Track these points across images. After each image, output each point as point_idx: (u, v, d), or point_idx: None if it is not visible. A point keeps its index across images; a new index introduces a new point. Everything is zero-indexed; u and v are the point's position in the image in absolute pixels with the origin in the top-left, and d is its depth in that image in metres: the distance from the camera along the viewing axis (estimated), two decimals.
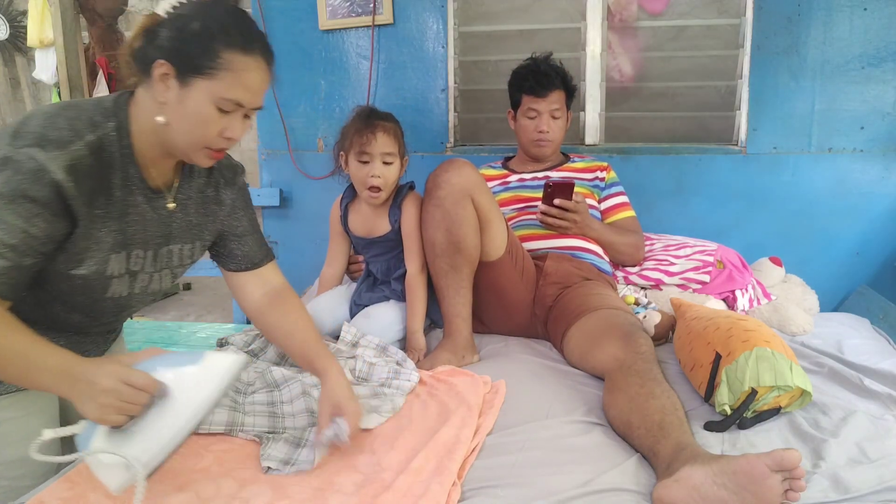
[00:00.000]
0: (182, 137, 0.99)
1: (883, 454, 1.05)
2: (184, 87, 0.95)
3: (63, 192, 0.90)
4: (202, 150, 1.01)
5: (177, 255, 1.14)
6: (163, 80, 0.96)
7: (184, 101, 0.96)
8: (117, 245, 1.02)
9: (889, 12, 2.06)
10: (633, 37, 2.30)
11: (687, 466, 0.95)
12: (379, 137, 1.54)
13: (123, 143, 0.99)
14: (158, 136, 1.00)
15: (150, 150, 1.02)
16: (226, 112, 0.98)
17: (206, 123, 0.97)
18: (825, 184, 2.18)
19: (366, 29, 2.38)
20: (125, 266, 1.05)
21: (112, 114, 0.98)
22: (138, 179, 1.02)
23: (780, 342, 1.25)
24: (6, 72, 4.45)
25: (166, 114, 0.97)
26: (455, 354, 1.50)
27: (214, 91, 0.95)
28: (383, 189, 1.58)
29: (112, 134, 0.97)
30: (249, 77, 0.98)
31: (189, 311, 3.70)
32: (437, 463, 1.03)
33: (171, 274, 1.15)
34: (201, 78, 0.95)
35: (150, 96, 0.98)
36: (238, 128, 1.01)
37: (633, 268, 1.90)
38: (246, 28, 0.99)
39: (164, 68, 0.95)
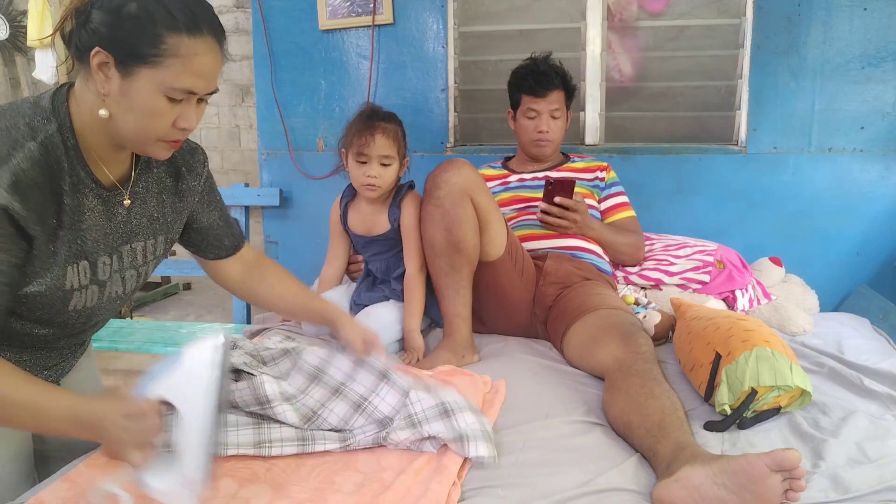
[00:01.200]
0: (131, 131, 0.90)
1: (883, 454, 1.05)
2: (126, 78, 0.85)
3: (11, 213, 0.82)
4: (157, 143, 0.92)
5: (140, 253, 1.05)
6: (102, 70, 0.86)
7: (128, 93, 0.86)
8: (73, 256, 0.93)
9: (889, 12, 2.06)
10: (633, 37, 2.30)
11: (687, 466, 0.95)
12: (377, 139, 1.54)
13: (69, 143, 0.90)
14: (104, 130, 0.91)
15: (100, 146, 0.93)
16: (177, 101, 0.88)
17: (156, 115, 0.88)
18: (825, 184, 2.18)
19: (366, 29, 2.38)
20: (89, 276, 0.97)
21: (51, 113, 0.89)
22: (89, 180, 0.93)
23: (780, 342, 1.25)
24: (6, 72, 4.45)
25: (110, 106, 0.88)
26: (455, 354, 1.50)
27: (161, 80, 0.85)
28: (379, 187, 1.59)
29: (55, 136, 0.88)
30: (199, 61, 0.87)
31: (189, 311, 3.70)
32: (436, 463, 1.03)
33: (136, 273, 1.06)
34: (145, 67, 0.85)
35: (91, 87, 0.88)
36: (192, 116, 0.91)
37: (633, 268, 1.90)
38: (190, 6, 0.87)
39: (101, 56, 0.85)
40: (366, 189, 1.59)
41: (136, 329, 2.03)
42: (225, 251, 1.23)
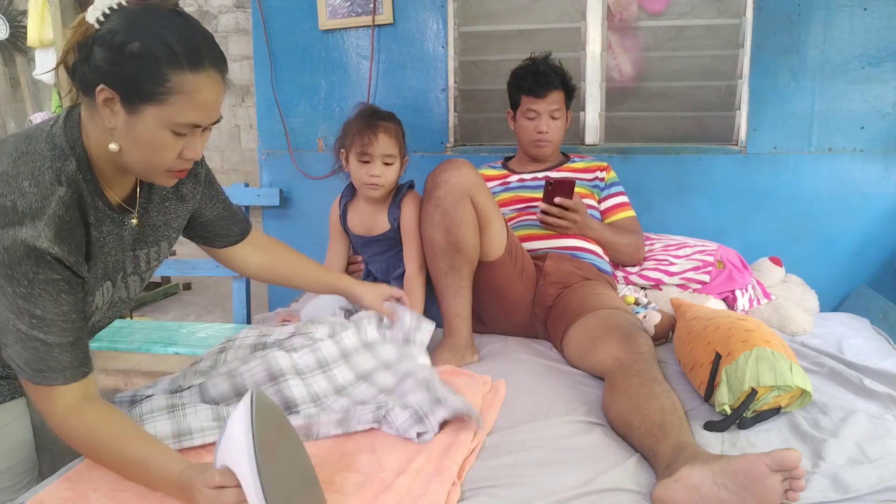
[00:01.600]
0: (138, 163, 0.92)
1: (883, 454, 1.05)
2: (132, 114, 0.87)
3: (63, 261, 0.87)
4: (163, 174, 0.95)
5: (143, 260, 1.09)
6: (108, 106, 0.88)
7: (134, 128, 0.88)
8: (100, 278, 0.99)
9: (889, 12, 2.06)
10: (633, 37, 2.30)
11: (687, 466, 0.95)
12: (380, 138, 1.54)
13: (87, 176, 0.93)
14: (111, 159, 0.94)
15: (109, 173, 0.96)
16: (182, 135, 0.91)
17: (162, 149, 0.90)
18: (825, 184, 2.18)
19: (366, 29, 2.38)
20: (111, 293, 1.03)
21: (70, 151, 0.91)
22: (106, 208, 0.97)
23: (780, 342, 1.25)
24: (6, 72, 4.45)
25: (117, 140, 0.90)
26: (455, 354, 1.50)
27: (166, 117, 0.87)
28: (382, 186, 1.59)
29: (76, 175, 0.91)
30: (203, 96, 0.89)
31: (189, 311, 3.70)
32: (436, 463, 1.02)
33: (139, 279, 1.10)
34: (150, 104, 0.86)
35: (97, 118, 0.90)
36: (198, 146, 0.94)
37: (633, 268, 1.90)
38: (190, 40, 0.87)
39: (106, 93, 0.86)
40: (368, 189, 1.59)
41: (136, 329, 2.03)
42: (235, 237, 1.28)
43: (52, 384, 0.89)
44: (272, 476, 0.80)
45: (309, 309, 1.68)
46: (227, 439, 0.84)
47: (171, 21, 0.87)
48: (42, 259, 0.84)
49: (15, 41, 4.26)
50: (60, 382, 0.89)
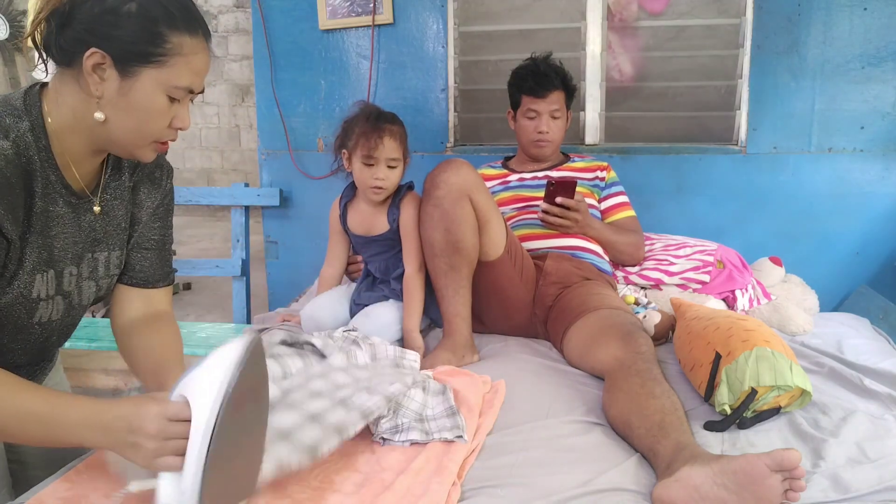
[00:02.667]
0: (126, 133, 0.88)
1: (883, 454, 1.05)
2: (127, 78, 0.84)
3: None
4: (150, 145, 0.91)
5: (102, 264, 1.00)
6: (96, 71, 0.84)
7: (128, 94, 0.85)
8: (42, 263, 0.89)
9: (889, 12, 2.06)
10: (633, 37, 2.30)
11: (687, 466, 0.95)
12: (386, 142, 1.54)
13: (40, 144, 0.87)
14: (90, 133, 0.89)
15: (73, 150, 0.90)
16: (175, 100, 0.89)
17: (157, 115, 0.88)
18: (825, 184, 2.18)
19: (366, 29, 2.38)
20: (55, 287, 0.93)
21: (24, 112, 0.86)
22: (60, 185, 0.90)
23: (780, 342, 1.25)
24: (6, 72, 4.45)
25: (105, 109, 0.86)
26: (455, 354, 1.50)
27: (165, 79, 0.85)
28: (386, 189, 1.59)
29: (27, 135, 0.85)
30: (198, 60, 0.88)
31: (189, 311, 3.70)
32: (436, 463, 1.02)
33: (95, 286, 1.00)
34: (148, 66, 0.84)
35: (76, 89, 0.86)
36: (187, 116, 0.92)
37: (633, 267, 1.90)
38: (184, 4, 0.87)
39: (97, 57, 0.82)
40: (372, 192, 1.59)
41: None
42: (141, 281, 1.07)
43: None
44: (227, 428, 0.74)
45: (309, 309, 1.69)
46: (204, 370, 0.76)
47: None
48: None
49: (15, 41, 4.25)
50: None
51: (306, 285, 2.19)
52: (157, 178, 1.06)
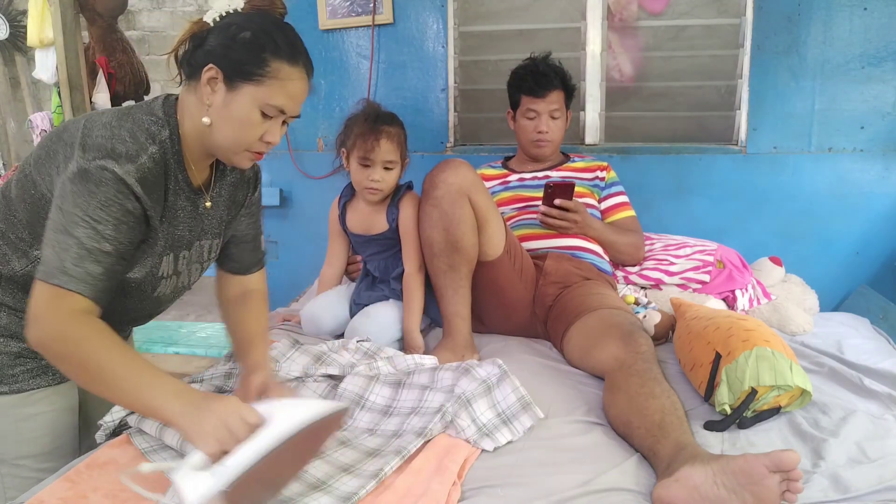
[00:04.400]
0: (225, 139, 1.03)
1: (883, 454, 1.05)
2: (231, 91, 1.00)
3: (141, 202, 0.96)
4: (243, 153, 1.05)
5: (206, 250, 1.18)
6: (210, 84, 1.00)
7: (230, 105, 1.00)
8: (168, 247, 1.07)
9: (889, 12, 2.06)
10: (633, 36, 2.30)
11: (687, 466, 0.95)
12: (383, 145, 1.54)
13: (175, 149, 1.04)
14: (202, 137, 1.05)
15: (195, 152, 1.07)
16: (268, 117, 1.02)
17: (250, 127, 1.02)
18: (825, 184, 2.18)
19: (366, 29, 2.38)
20: (174, 267, 1.11)
21: (165, 122, 1.03)
22: (185, 183, 1.07)
23: (780, 342, 1.25)
24: (6, 71, 4.45)
25: (211, 115, 1.02)
26: (455, 354, 1.50)
27: (260, 97, 1.00)
28: (382, 191, 1.59)
29: (167, 142, 1.02)
30: (293, 86, 1.03)
31: (189, 311, 3.69)
32: (437, 463, 1.02)
33: (200, 267, 1.20)
34: (249, 84, 0.99)
35: (196, 98, 1.03)
36: (277, 133, 1.06)
37: (633, 267, 1.90)
38: (292, 40, 1.03)
39: (212, 72, 0.99)
40: (368, 193, 1.60)
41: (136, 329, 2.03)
42: (242, 268, 1.28)
43: (70, 289, 0.91)
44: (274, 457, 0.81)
45: (309, 309, 1.69)
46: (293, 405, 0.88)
47: (280, 24, 1.05)
48: (124, 189, 0.94)
49: (15, 41, 4.25)
50: (79, 290, 0.91)
51: (306, 285, 2.19)
52: (250, 180, 1.24)
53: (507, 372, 1.25)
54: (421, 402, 1.22)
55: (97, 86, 2.55)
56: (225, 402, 0.88)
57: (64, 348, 0.90)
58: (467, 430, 1.11)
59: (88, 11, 2.55)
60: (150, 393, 0.89)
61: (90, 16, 2.57)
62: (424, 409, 1.19)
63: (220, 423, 0.85)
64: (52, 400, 1.13)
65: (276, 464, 0.85)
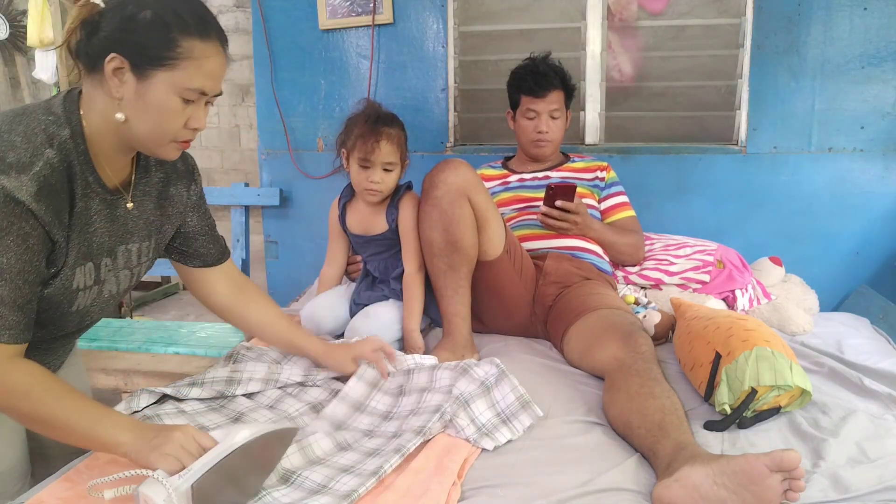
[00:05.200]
0: (146, 133, 0.94)
1: (883, 454, 1.05)
2: (142, 81, 0.90)
3: (38, 218, 0.86)
4: (169, 144, 0.96)
5: (134, 254, 1.08)
6: (117, 75, 0.90)
7: (144, 95, 0.90)
8: (81, 257, 0.97)
9: (889, 12, 2.06)
10: (633, 36, 2.30)
11: (687, 466, 0.95)
12: (383, 147, 1.54)
13: (80, 149, 0.93)
14: (116, 133, 0.95)
15: (106, 150, 0.97)
16: (189, 102, 0.93)
17: (171, 115, 0.93)
18: (825, 184, 2.18)
19: (366, 28, 2.38)
20: (94, 276, 1.01)
21: (65, 120, 0.92)
22: (97, 185, 0.96)
23: (780, 342, 1.25)
24: (6, 71, 4.45)
25: (125, 110, 0.92)
26: (454, 354, 1.50)
27: (177, 82, 0.90)
28: (381, 192, 1.59)
29: (68, 142, 0.91)
30: (210, 63, 0.93)
31: (189, 310, 3.70)
32: (437, 463, 1.02)
33: (130, 274, 1.09)
34: (161, 69, 0.89)
35: (102, 92, 0.92)
36: (202, 117, 0.97)
37: (633, 267, 1.90)
38: (200, 13, 0.93)
39: (116, 62, 0.89)
40: (367, 194, 1.60)
41: (136, 329, 2.03)
42: (212, 259, 1.24)
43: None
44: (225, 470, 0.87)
45: (309, 309, 1.68)
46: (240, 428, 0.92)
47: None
48: (19, 210, 0.84)
49: (15, 41, 4.25)
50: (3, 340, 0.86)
51: (306, 285, 2.19)
52: (184, 174, 1.14)
53: (505, 371, 1.25)
54: (420, 404, 1.22)
55: None
56: (181, 429, 0.91)
57: (8, 401, 0.88)
58: (467, 430, 1.11)
59: None
60: (104, 431, 0.90)
61: None
62: (423, 408, 1.19)
63: (177, 447, 0.88)
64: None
65: (235, 471, 0.89)
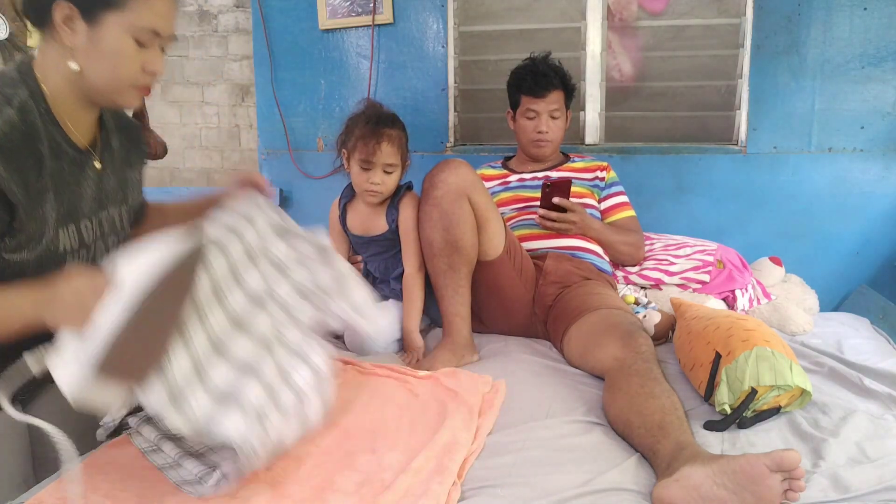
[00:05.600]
0: (103, 80, 0.93)
1: (883, 454, 1.05)
2: (94, 26, 0.89)
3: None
4: (128, 90, 0.95)
5: (117, 220, 1.08)
6: (67, 24, 0.89)
7: (97, 41, 0.90)
8: (62, 218, 0.96)
9: (889, 12, 2.06)
10: (633, 36, 2.30)
11: (687, 466, 0.95)
12: (384, 148, 1.54)
13: (41, 108, 0.92)
14: (76, 87, 0.94)
15: (70, 107, 0.96)
16: (143, 45, 0.92)
17: (127, 59, 0.92)
18: (825, 184, 2.18)
19: (366, 28, 2.38)
20: (77, 239, 0.99)
21: (20, 81, 0.92)
22: (65, 143, 0.96)
23: (780, 342, 1.25)
24: None
25: (78, 59, 0.91)
26: (455, 354, 1.50)
27: (129, 22, 0.90)
28: (382, 193, 1.59)
29: (28, 101, 0.90)
30: (160, 3, 0.92)
31: None
32: (437, 463, 1.02)
33: (117, 239, 1.09)
34: (111, 12, 0.89)
35: (54, 46, 0.91)
36: (159, 60, 0.95)
37: (633, 267, 1.90)
38: None
39: (65, 10, 0.88)
40: (368, 195, 1.60)
41: None
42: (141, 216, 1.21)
43: None
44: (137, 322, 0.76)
45: None
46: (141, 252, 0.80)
47: None
48: None
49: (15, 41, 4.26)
50: None
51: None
52: (138, 140, 1.15)
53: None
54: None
55: None
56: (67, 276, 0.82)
57: None
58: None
59: None
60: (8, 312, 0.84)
61: None
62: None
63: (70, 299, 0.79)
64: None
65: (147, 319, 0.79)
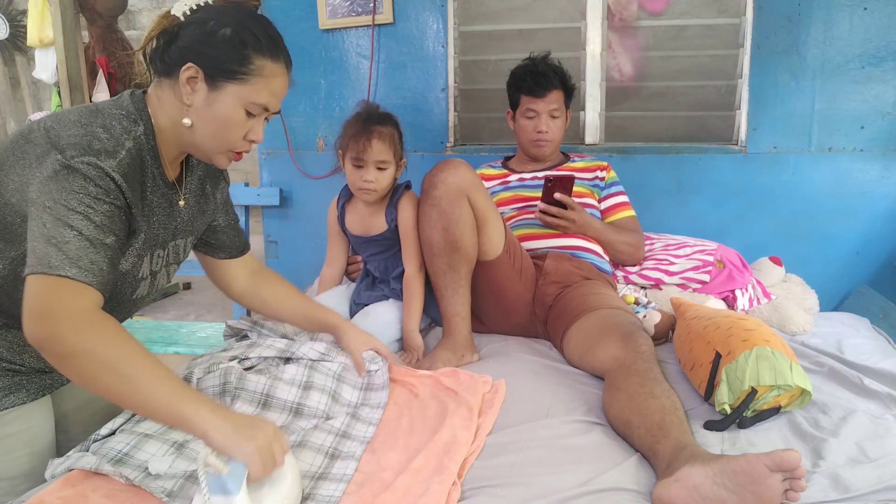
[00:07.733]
0: (207, 139, 1.01)
1: (883, 454, 1.05)
2: (213, 91, 0.97)
3: (125, 196, 0.93)
4: (226, 153, 1.04)
5: (181, 250, 1.16)
6: (190, 83, 0.97)
7: (212, 105, 0.98)
8: (146, 247, 1.04)
9: (889, 12, 2.06)
10: (633, 36, 2.30)
11: (687, 466, 0.95)
12: (374, 144, 1.54)
13: (150, 145, 1.00)
14: (179, 136, 1.02)
15: (170, 149, 1.04)
16: (251, 116, 1.01)
17: (234, 126, 1.00)
18: (825, 183, 2.18)
19: (366, 28, 2.38)
20: (149, 268, 1.07)
21: (138, 118, 0.99)
22: (160, 180, 1.04)
23: (780, 341, 1.25)
24: (6, 71, 4.45)
25: (192, 116, 0.99)
26: (454, 354, 1.50)
27: (244, 95, 0.98)
28: (376, 191, 1.59)
29: (142, 138, 0.99)
30: (277, 83, 1.02)
31: (189, 310, 3.70)
32: (437, 463, 1.02)
33: (173, 269, 1.16)
34: (233, 83, 0.97)
35: (172, 97, 0.99)
36: (261, 131, 1.04)
37: (633, 267, 1.90)
38: (273, 36, 1.02)
39: (192, 71, 0.96)
40: (362, 193, 1.60)
41: (136, 329, 2.03)
42: (236, 251, 1.31)
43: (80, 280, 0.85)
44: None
45: None
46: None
47: (256, 17, 1.02)
48: (113, 185, 0.91)
49: (15, 41, 4.26)
50: (88, 282, 0.86)
51: (307, 285, 2.19)
52: (220, 176, 1.23)
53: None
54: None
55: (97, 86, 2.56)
56: (272, 425, 0.91)
57: (84, 345, 0.83)
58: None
59: (88, 11, 2.55)
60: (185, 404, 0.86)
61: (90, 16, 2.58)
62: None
63: (265, 446, 0.87)
64: (27, 418, 1.06)
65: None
